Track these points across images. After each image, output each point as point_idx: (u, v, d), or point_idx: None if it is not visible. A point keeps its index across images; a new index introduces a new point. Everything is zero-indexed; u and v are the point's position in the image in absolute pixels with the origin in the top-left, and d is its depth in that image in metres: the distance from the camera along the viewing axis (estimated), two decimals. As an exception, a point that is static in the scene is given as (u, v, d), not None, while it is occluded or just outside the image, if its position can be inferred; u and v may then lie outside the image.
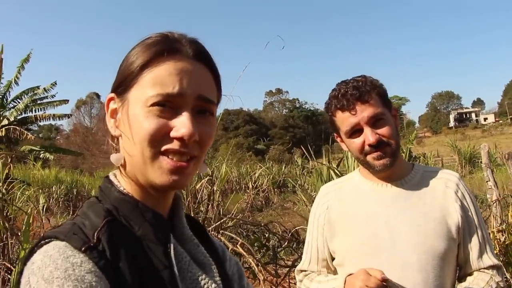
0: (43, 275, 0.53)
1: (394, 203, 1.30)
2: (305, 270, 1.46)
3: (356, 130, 1.28)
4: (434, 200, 1.30)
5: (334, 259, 1.40)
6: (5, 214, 3.58)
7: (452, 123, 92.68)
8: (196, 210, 4.01)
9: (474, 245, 1.29)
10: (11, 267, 3.12)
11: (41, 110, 12.31)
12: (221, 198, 4.83)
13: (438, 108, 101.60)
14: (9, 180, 4.20)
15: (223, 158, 8.50)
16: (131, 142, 0.65)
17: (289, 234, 4.27)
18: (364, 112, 1.25)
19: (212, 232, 3.66)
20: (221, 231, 3.84)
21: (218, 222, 3.97)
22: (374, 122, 1.26)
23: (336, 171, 4.56)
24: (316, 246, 1.43)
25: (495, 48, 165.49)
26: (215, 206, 4.14)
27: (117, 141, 0.71)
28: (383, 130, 1.26)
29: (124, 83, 0.67)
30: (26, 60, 11.84)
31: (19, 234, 3.25)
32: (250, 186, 13.91)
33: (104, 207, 0.65)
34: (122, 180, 0.69)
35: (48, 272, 0.53)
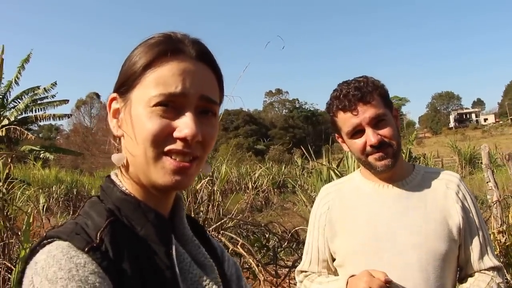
0: (47, 275, 0.52)
1: (395, 204, 1.30)
2: (305, 271, 1.45)
3: (357, 131, 1.28)
4: (435, 201, 1.29)
5: (334, 260, 1.40)
6: (5, 214, 3.57)
7: (452, 124, 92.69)
8: (196, 210, 4.01)
9: (475, 246, 1.29)
10: (12, 267, 3.12)
11: (41, 110, 12.34)
12: (221, 198, 4.82)
13: (438, 108, 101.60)
14: (9, 180, 4.19)
15: (223, 158, 8.49)
16: (134, 142, 0.65)
17: (289, 235, 4.26)
18: (365, 112, 1.25)
19: (212, 232, 3.66)
20: (221, 232, 3.84)
21: (219, 223, 3.96)
22: (375, 123, 1.26)
23: (336, 172, 4.56)
24: (316, 246, 1.42)
25: (495, 48, 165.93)
26: (215, 206, 4.14)
27: (119, 141, 0.71)
28: (385, 131, 1.26)
29: (126, 83, 0.67)
30: (27, 60, 11.86)
31: (19, 233, 3.24)
32: (250, 187, 13.88)
33: (106, 207, 0.65)
34: (123, 180, 0.69)
35: (51, 272, 0.53)
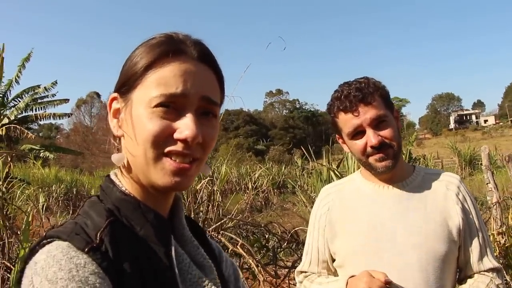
0: (47, 276, 0.52)
1: (395, 205, 1.30)
2: (305, 271, 1.45)
3: (358, 132, 1.28)
4: (435, 202, 1.30)
5: (334, 261, 1.40)
6: (4, 213, 3.57)
7: (452, 125, 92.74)
8: (196, 210, 4.01)
9: (474, 247, 1.29)
10: (11, 266, 3.11)
11: (41, 109, 12.32)
12: (221, 198, 4.82)
13: (438, 109, 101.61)
14: (9, 178, 4.19)
15: (223, 158, 8.49)
16: (134, 142, 0.64)
17: (288, 235, 4.26)
18: (366, 113, 1.25)
19: (212, 232, 3.66)
20: (221, 232, 3.84)
21: (218, 223, 3.96)
22: (376, 124, 1.26)
23: (336, 172, 4.56)
24: (316, 247, 1.42)
25: (496, 50, 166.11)
26: (215, 206, 4.13)
27: (119, 141, 0.71)
28: (386, 132, 1.26)
29: (127, 83, 0.67)
30: (27, 59, 11.84)
31: (19, 233, 3.24)
32: (250, 187, 13.88)
33: (105, 207, 0.65)
34: (123, 179, 0.69)
35: (52, 272, 0.52)
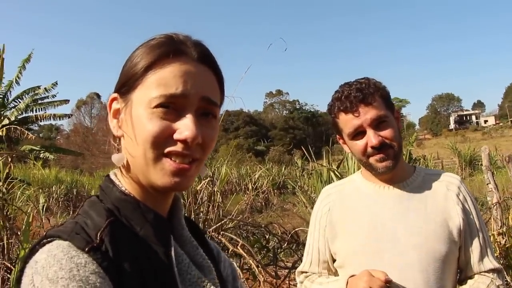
0: (48, 275, 0.52)
1: (395, 205, 1.30)
2: (305, 272, 1.46)
3: (359, 132, 1.28)
4: (435, 202, 1.30)
5: (335, 261, 1.40)
6: (5, 214, 3.58)
7: (452, 125, 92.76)
8: (196, 211, 4.01)
9: (475, 248, 1.29)
10: (11, 267, 3.11)
11: (41, 110, 12.31)
12: (221, 199, 4.82)
13: (439, 110, 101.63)
14: (9, 179, 4.19)
15: (223, 159, 8.49)
16: (134, 143, 0.65)
17: (289, 236, 4.26)
18: (367, 114, 1.25)
19: (212, 233, 3.66)
20: (221, 232, 3.84)
21: (219, 223, 3.96)
22: (377, 124, 1.26)
23: (336, 173, 4.56)
24: (317, 247, 1.42)
25: (496, 50, 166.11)
26: (216, 207, 4.14)
27: (119, 141, 0.71)
28: (386, 132, 1.26)
29: (127, 84, 0.67)
30: (27, 60, 11.84)
31: (19, 233, 3.25)
32: (250, 188, 13.89)
33: (105, 207, 0.65)
34: (122, 179, 0.69)
35: (52, 272, 0.53)
